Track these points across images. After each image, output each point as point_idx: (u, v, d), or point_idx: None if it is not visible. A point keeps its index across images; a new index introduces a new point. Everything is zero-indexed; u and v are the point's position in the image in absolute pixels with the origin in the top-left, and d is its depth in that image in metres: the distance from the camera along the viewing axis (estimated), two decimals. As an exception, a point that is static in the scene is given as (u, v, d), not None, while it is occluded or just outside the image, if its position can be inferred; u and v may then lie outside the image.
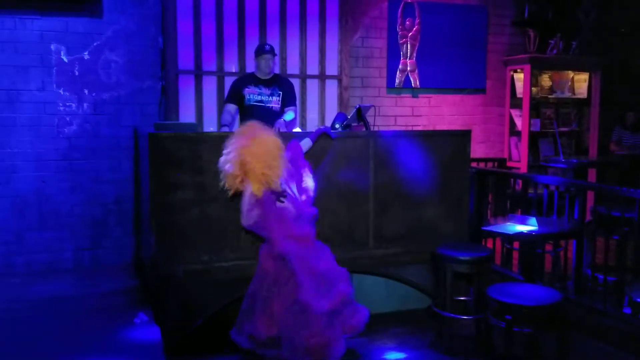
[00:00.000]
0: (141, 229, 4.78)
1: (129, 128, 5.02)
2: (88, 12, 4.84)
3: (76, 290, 4.39)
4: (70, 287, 4.47)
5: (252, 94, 4.91)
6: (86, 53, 4.90)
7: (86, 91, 4.93)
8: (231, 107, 4.94)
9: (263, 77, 4.96)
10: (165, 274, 3.83)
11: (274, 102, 4.95)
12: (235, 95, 4.92)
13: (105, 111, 4.99)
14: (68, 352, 3.23)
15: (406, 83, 6.41)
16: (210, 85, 5.62)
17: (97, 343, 3.38)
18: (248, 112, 4.87)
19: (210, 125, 5.52)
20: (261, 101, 4.92)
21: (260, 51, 4.95)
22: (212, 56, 5.58)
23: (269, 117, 4.76)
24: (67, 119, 4.90)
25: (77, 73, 4.89)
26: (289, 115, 4.85)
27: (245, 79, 5.02)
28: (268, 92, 4.93)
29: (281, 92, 4.96)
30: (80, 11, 4.82)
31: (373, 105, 5.18)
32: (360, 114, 4.60)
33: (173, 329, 3.75)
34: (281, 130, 4.92)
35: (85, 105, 4.94)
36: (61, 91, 4.87)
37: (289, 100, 5.01)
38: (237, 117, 5.04)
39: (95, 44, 4.91)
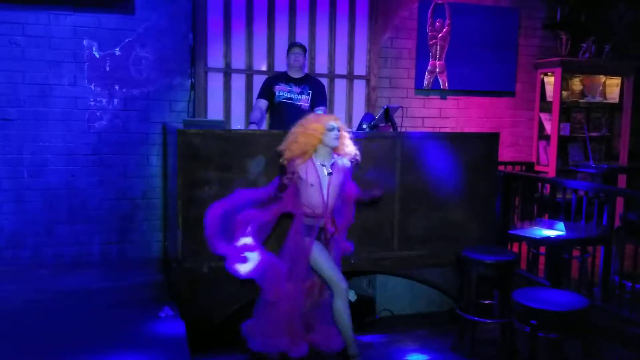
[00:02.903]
0: (168, 225, 4.83)
1: (158, 124, 5.09)
2: (120, 9, 4.92)
3: (103, 283, 4.45)
4: (97, 279, 4.54)
5: (283, 91, 4.95)
6: (117, 49, 4.98)
7: (117, 87, 5.01)
8: (262, 103, 4.98)
9: (294, 76, 5.00)
10: (190, 269, 3.87)
11: (304, 100, 4.98)
12: (267, 92, 4.98)
13: (135, 107, 5.06)
14: (93, 344, 3.27)
15: (435, 84, 6.37)
16: (238, 83, 5.64)
17: (122, 336, 3.42)
18: (277, 109, 4.93)
19: (238, 123, 5.55)
20: (290, 99, 4.95)
21: (291, 45, 5.06)
22: (241, 54, 5.61)
23: (297, 115, 4.75)
24: (98, 114, 4.99)
25: (108, 69, 4.98)
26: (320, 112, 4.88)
27: (277, 77, 5.08)
28: (298, 90, 4.97)
29: (311, 92, 4.99)
30: (113, 7, 4.90)
31: (401, 106, 5.16)
32: (388, 114, 4.60)
33: (198, 324, 3.79)
34: None
35: (115, 100, 5.02)
36: (92, 86, 4.96)
37: (319, 100, 5.04)
38: (266, 115, 5.08)
39: (126, 40, 4.99)
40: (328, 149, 3.56)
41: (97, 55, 4.95)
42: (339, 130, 3.56)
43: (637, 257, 3.88)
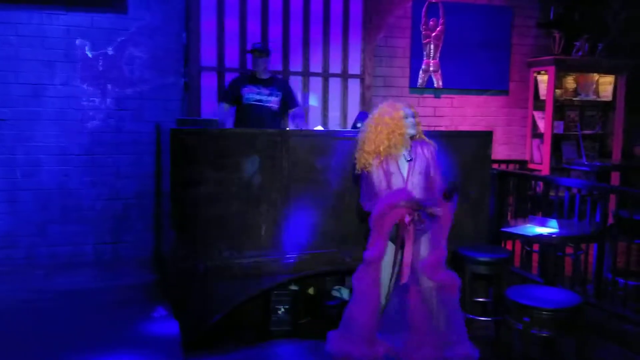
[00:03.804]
0: (162, 224, 4.83)
1: (151, 124, 5.08)
2: (113, 8, 4.91)
3: (96, 283, 4.44)
4: (90, 280, 4.53)
5: (251, 93, 4.89)
6: (110, 48, 4.97)
7: (110, 86, 4.99)
8: (225, 107, 4.91)
9: (261, 77, 4.94)
10: (185, 269, 3.86)
11: (273, 102, 4.93)
12: (232, 94, 4.91)
13: (128, 106, 5.05)
14: (87, 344, 3.26)
15: (429, 83, 6.38)
16: (232, 83, 5.64)
17: (115, 336, 3.41)
18: (246, 112, 4.87)
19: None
20: (260, 100, 4.90)
21: (251, 49, 4.95)
22: (234, 53, 5.61)
23: (267, 116, 4.82)
24: (91, 113, 4.97)
25: (101, 68, 4.96)
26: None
27: (243, 78, 5.01)
28: (267, 91, 4.92)
29: (281, 93, 4.95)
30: (106, 7, 4.89)
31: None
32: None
33: (192, 324, 3.77)
34: (296, 125, 4.96)
35: (108, 100, 5.01)
36: (85, 86, 4.94)
37: (291, 101, 5.03)
38: (231, 119, 5.02)
39: (119, 39, 4.98)
40: (407, 139, 3.36)
41: (90, 55, 4.93)
42: (413, 117, 3.38)
43: (629, 254, 3.90)
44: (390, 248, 3.30)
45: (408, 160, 3.34)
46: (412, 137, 3.38)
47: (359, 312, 3.30)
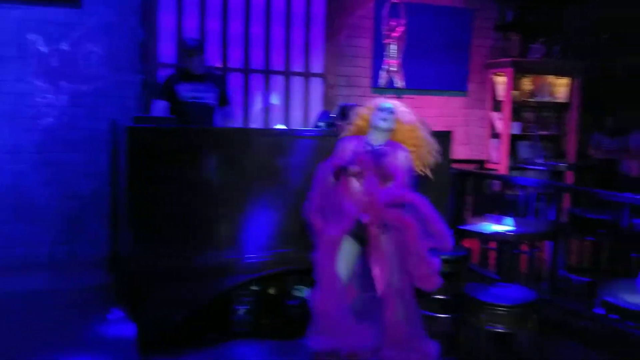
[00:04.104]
0: (118, 224, 4.73)
1: (108, 121, 4.96)
2: (67, 2, 4.78)
3: (51, 285, 4.35)
4: (45, 281, 4.43)
5: (186, 91, 4.71)
6: (65, 44, 4.84)
7: (64, 83, 4.87)
8: (163, 105, 4.68)
9: (196, 73, 4.75)
10: (142, 269, 3.79)
11: (209, 98, 4.78)
12: (167, 92, 4.70)
13: (83, 103, 4.93)
14: (41, 347, 3.20)
15: (391, 83, 6.43)
16: (191, 80, 5.57)
17: (71, 338, 3.36)
18: (183, 109, 4.63)
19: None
20: (196, 97, 4.72)
21: (183, 46, 4.75)
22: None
23: (205, 113, 4.67)
24: (45, 110, 4.83)
25: (55, 64, 4.83)
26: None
27: (178, 75, 4.81)
28: (203, 87, 4.75)
29: (218, 89, 4.82)
30: (60, 1, 4.76)
31: (357, 105, 5.17)
32: (344, 112, 4.60)
33: (150, 326, 3.70)
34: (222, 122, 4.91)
35: (63, 97, 4.87)
36: (39, 82, 4.80)
37: (224, 98, 4.91)
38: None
39: (74, 34, 4.85)
40: (380, 132, 3.32)
41: (43, 50, 4.80)
42: (392, 113, 3.33)
43: (582, 252, 4.01)
44: (348, 242, 3.25)
45: (378, 151, 3.29)
46: (394, 137, 3.35)
47: (321, 299, 3.24)
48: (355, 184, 3.21)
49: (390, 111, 3.33)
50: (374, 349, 3.24)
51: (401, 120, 3.38)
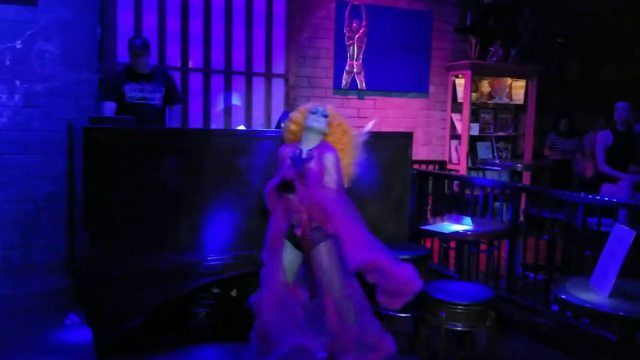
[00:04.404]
0: (75, 227, 4.63)
1: (63, 122, 4.85)
2: (22, 0, 4.65)
3: (5, 290, 4.22)
4: (-1, 286, 4.30)
5: (134, 91, 4.59)
6: (19, 42, 4.70)
7: (18, 82, 4.73)
8: (111, 106, 4.53)
9: (142, 72, 4.61)
10: (99, 273, 3.70)
11: (157, 98, 4.66)
12: (114, 92, 4.56)
13: (38, 103, 4.80)
14: (-6, 354, 3.10)
15: (353, 84, 6.46)
16: (151, 80, 5.49)
17: (25, 344, 3.26)
18: (129, 111, 4.47)
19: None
20: (144, 98, 4.60)
21: (130, 46, 4.56)
22: (154, 50, 5.44)
23: (152, 115, 4.53)
24: (-3, 110, 4.70)
25: (8, 62, 4.69)
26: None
27: (124, 74, 4.63)
28: (150, 87, 4.63)
29: (164, 88, 4.69)
30: (14, -2, 4.64)
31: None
32: (305, 113, 4.60)
33: (107, 330, 3.63)
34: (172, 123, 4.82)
35: (16, 96, 4.74)
36: (-9, 81, 4.67)
37: (175, 96, 4.80)
38: None
39: (28, 32, 4.72)
40: (314, 135, 3.28)
41: (-4, 49, 4.66)
42: (325, 116, 3.30)
43: (538, 250, 4.10)
44: (288, 246, 3.29)
45: (303, 158, 3.27)
46: (329, 139, 3.33)
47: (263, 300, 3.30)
48: (291, 195, 3.23)
49: (323, 114, 3.31)
50: (327, 355, 3.23)
51: (333, 123, 3.35)
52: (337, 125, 3.36)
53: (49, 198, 4.84)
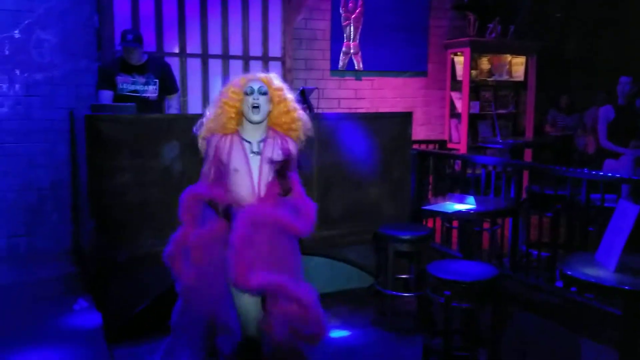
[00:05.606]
0: (79, 215, 4.65)
1: (64, 110, 4.84)
2: (19, -11, 4.62)
3: (12, 278, 4.25)
4: (5, 275, 4.32)
5: (125, 83, 4.53)
6: (17, 31, 4.67)
7: (18, 72, 4.71)
8: (108, 94, 4.49)
9: (135, 63, 4.54)
10: (105, 259, 3.74)
11: (151, 91, 4.59)
12: (109, 82, 4.51)
13: (38, 92, 4.78)
14: (5, 341, 3.13)
15: (349, 65, 6.44)
16: (149, 66, 5.46)
17: (36, 331, 3.29)
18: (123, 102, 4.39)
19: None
20: (136, 91, 4.55)
21: (122, 40, 4.50)
22: (151, 37, 5.43)
23: (145, 109, 4.40)
24: (-2, 100, 4.69)
25: (7, 52, 4.66)
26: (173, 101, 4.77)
27: (116, 65, 4.57)
28: (143, 80, 4.57)
29: (158, 80, 4.61)
30: (11, -13, 4.60)
31: (317, 88, 5.18)
32: (304, 96, 4.59)
33: (114, 315, 3.68)
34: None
35: (17, 86, 4.72)
36: (-10, 71, 4.65)
37: (169, 86, 4.71)
38: None
39: (26, 22, 4.68)
40: (256, 123, 2.68)
41: (-6, 38, 4.64)
42: (264, 93, 2.66)
43: (541, 227, 4.12)
44: None
45: (254, 153, 2.68)
46: (273, 124, 2.74)
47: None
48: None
49: (262, 91, 2.66)
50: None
51: (274, 98, 2.71)
52: (280, 102, 2.72)
53: (53, 186, 4.85)
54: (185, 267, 2.74)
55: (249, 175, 2.66)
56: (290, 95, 2.77)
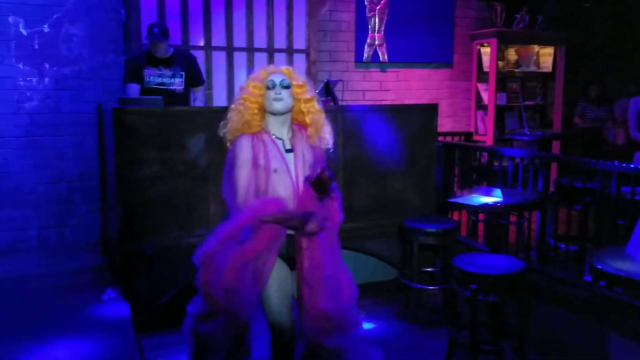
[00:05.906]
0: (107, 206, 4.72)
1: (92, 103, 4.91)
2: (47, -16, 4.69)
3: (42, 269, 4.32)
4: (35, 265, 4.40)
5: (152, 76, 4.58)
6: (46, 26, 4.74)
7: (47, 65, 4.78)
8: (136, 88, 4.54)
9: (161, 56, 4.59)
10: (132, 251, 3.80)
11: (177, 84, 4.62)
12: (137, 75, 4.56)
13: (67, 86, 4.86)
14: (35, 331, 3.19)
15: (374, 57, 6.40)
16: (175, 59, 5.51)
17: (65, 321, 3.34)
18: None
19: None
20: (162, 84, 4.58)
21: (148, 34, 4.55)
22: (177, 30, 5.47)
23: (172, 101, 4.44)
24: (28, 94, 4.76)
25: (37, 46, 4.74)
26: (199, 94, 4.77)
27: (143, 58, 4.62)
28: (169, 72, 4.60)
29: (184, 72, 4.64)
30: (39, -18, 4.67)
31: (341, 80, 5.17)
32: (328, 88, 4.59)
33: (142, 305, 3.74)
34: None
35: (46, 80, 4.80)
36: (21, 65, 4.71)
37: (197, 78, 4.73)
38: None
39: (55, 16, 4.75)
40: (279, 116, 2.55)
41: (24, 33, 4.70)
42: (286, 87, 2.53)
43: (570, 220, 4.06)
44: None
45: (288, 151, 2.56)
46: (297, 120, 2.62)
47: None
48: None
49: (284, 84, 2.54)
50: None
51: (297, 95, 2.59)
52: (301, 95, 2.59)
53: (81, 178, 4.92)
54: (215, 288, 2.65)
55: (289, 175, 2.53)
56: (313, 94, 2.65)
